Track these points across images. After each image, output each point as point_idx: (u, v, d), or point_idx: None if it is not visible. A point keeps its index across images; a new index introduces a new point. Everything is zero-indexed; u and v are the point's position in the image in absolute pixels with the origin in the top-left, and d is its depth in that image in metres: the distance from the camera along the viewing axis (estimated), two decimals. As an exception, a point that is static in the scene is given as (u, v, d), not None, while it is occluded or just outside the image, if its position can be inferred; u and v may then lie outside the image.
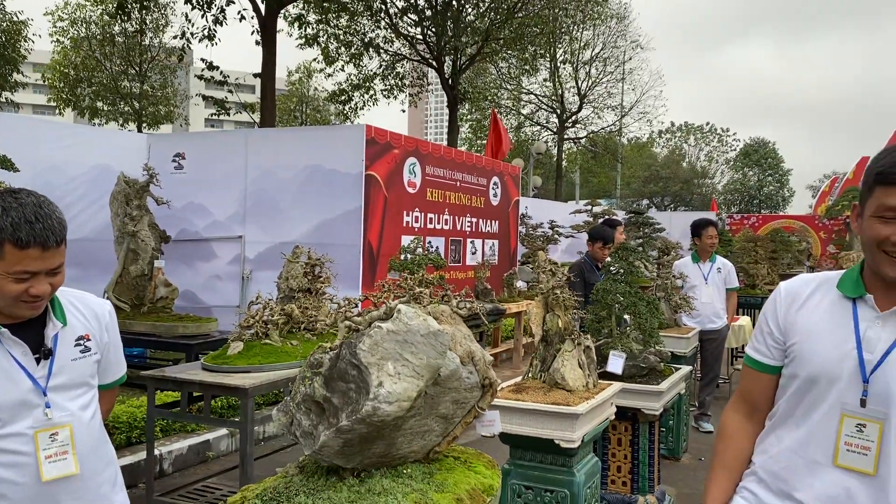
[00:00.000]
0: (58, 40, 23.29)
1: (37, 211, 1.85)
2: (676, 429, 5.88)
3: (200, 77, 15.68)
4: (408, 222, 8.83)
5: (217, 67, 15.25)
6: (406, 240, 8.48)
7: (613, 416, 3.75)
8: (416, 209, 9.00)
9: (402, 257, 8.07)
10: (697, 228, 6.96)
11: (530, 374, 3.56)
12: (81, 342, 2.07)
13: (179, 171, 9.07)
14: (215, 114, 16.05)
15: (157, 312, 7.48)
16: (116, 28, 23.28)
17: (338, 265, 5.03)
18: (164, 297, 7.60)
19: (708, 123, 58.34)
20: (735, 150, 57.24)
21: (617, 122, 32.22)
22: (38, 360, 1.96)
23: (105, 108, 25.32)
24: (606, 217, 11.58)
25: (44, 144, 8.06)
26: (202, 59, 15.09)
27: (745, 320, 8.98)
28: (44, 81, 25.16)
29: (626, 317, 4.56)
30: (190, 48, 14.88)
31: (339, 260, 7.38)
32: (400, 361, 1.99)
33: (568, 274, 3.60)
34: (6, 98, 19.59)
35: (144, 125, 25.61)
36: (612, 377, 4.22)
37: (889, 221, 1.72)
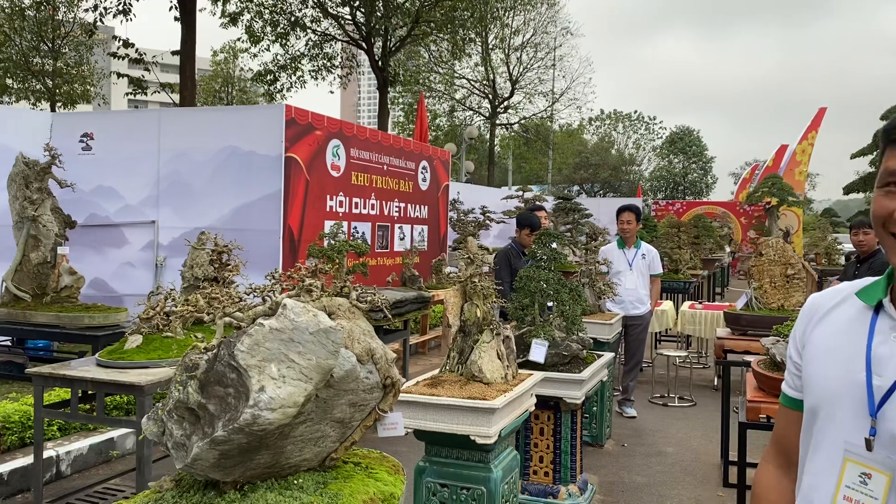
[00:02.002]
0: (-39, 12, 21.89)
1: None
2: (600, 415, 5.85)
3: (114, 55, 14.91)
4: (332, 207, 8.55)
5: (133, 45, 14.52)
6: (329, 225, 8.21)
7: (534, 407, 3.63)
8: (341, 193, 8.73)
9: (325, 243, 7.84)
10: (616, 214, 6.99)
11: (447, 367, 3.39)
12: None
13: (88, 153, 8.55)
14: (131, 93, 15.30)
15: (60, 302, 7.00)
16: (27, 1, 21.98)
17: (256, 252, 4.77)
18: (68, 286, 7.12)
19: (636, 111, 59.55)
20: (661, 137, 58.55)
21: (548, 109, 32.39)
22: None
23: (15, 86, 23.96)
24: (535, 203, 11.56)
25: (-68, 122, 7.45)
26: (114, 37, 14.34)
27: (667, 305, 9.08)
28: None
29: (550, 304, 4.45)
30: (103, 22, 14.10)
31: (258, 246, 7.10)
32: (285, 363, 1.78)
33: (489, 262, 3.45)
34: None
35: (59, 104, 24.35)
36: (534, 366, 4.10)
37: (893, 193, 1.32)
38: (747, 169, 41.40)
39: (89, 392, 3.92)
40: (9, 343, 7.45)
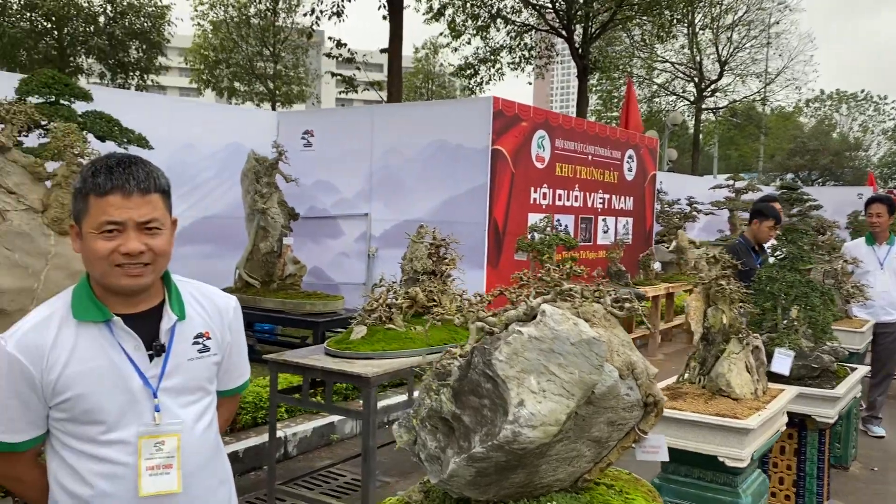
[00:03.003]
0: (198, 23, 24.37)
1: (121, 160, 1.67)
2: (845, 434, 5.18)
3: (329, 55, 15.83)
4: (535, 199, 8.40)
5: (345, 45, 15.31)
6: (533, 218, 8.06)
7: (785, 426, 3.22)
8: (545, 185, 8.55)
9: (530, 236, 7.70)
10: (864, 206, 6.17)
11: (686, 377, 3.08)
12: (200, 340, 1.80)
13: (308, 149, 9.06)
14: (344, 91, 16.16)
15: (285, 289, 7.48)
16: (252, 10, 24.02)
17: (462, 244, 4.72)
18: (292, 275, 7.59)
19: (863, 91, 53.54)
20: (893, 118, 52.22)
21: (762, 90, 30.02)
22: (150, 357, 1.71)
23: (242, 89, 26.28)
24: (765, 195, 10.62)
25: (179, 124, 8.22)
26: (329, 38, 15.19)
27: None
28: (186, 64, 26.41)
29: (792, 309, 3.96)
30: (318, 25, 14.99)
31: (464, 239, 7.09)
32: (545, 375, 1.62)
33: (734, 262, 3.09)
34: (153, 81, 20.68)
35: (278, 105, 26.40)
36: (776, 378, 3.66)
37: None
38: None
39: (318, 379, 4.05)
40: (241, 326, 8.09)
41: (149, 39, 18.40)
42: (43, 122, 5.77)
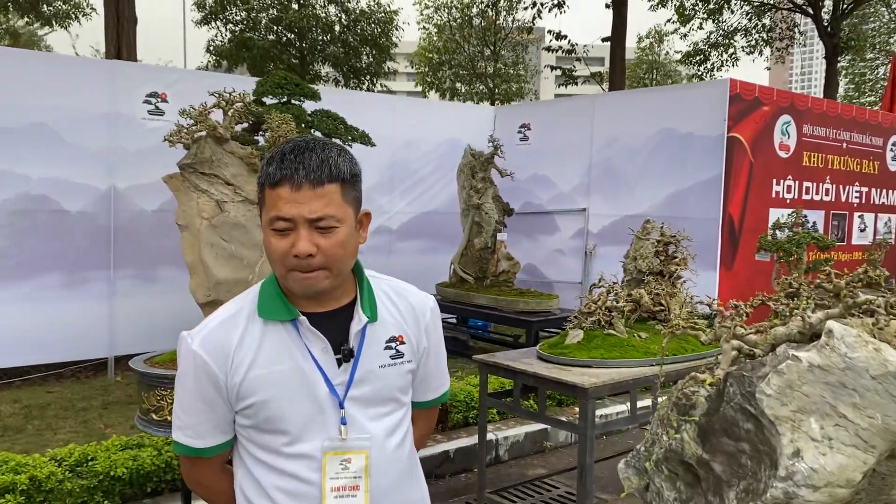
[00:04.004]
0: (423, 27, 25.27)
1: (296, 145, 1.45)
2: None
3: (548, 49, 15.56)
4: (778, 192, 7.47)
5: (565, 37, 14.97)
6: (775, 213, 7.16)
7: None
8: (789, 177, 7.58)
9: (772, 234, 6.83)
10: None
11: None
12: (393, 345, 1.58)
13: (525, 143, 8.85)
14: (563, 84, 15.82)
15: (498, 286, 7.33)
16: (474, 10, 24.45)
17: (692, 243, 4.20)
18: (506, 271, 7.42)
19: None
20: None
21: None
22: (338, 363, 1.51)
23: (463, 89, 26.88)
24: None
25: (401, 121, 8.39)
26: (548, 32, 14.91)
27: None
28: (412, 68, 27.56)
29: None
30: (540, 18, 14.78)
31: (693, 236, 6.47)
32: (832, 419, 1.19)
33: None
34: (382, 85, 21.76)
35: (497, 103, 26.67)
36: None
37: None
38: None
39: (530, 385, 3.77)
40: (454, 321, 8.09)
41: (378, 45, 19.33)
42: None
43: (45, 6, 16.35)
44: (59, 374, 6.32)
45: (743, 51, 18.84)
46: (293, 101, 5.99)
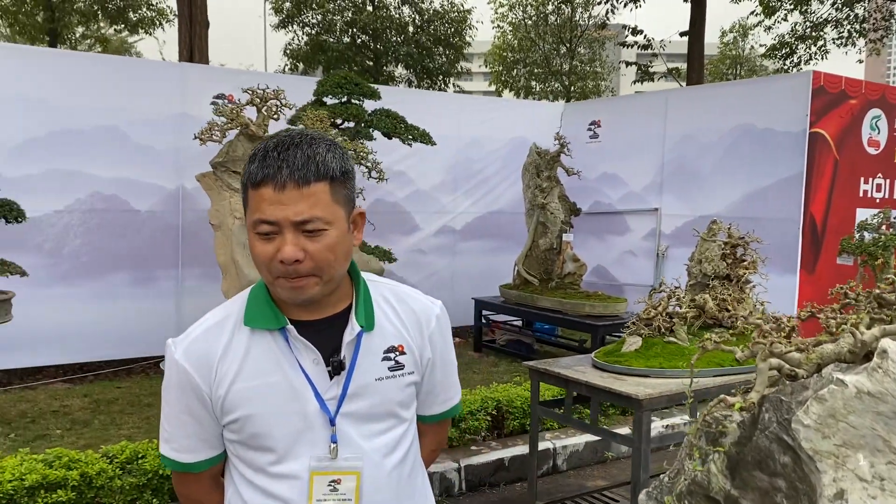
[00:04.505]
0: (498, 26, 25.06)
1: (281, 140, 1.33)
2: None
3: (624, 45, 15.16)
4: (866, 191, 6.99)
5: (641, 31, 14.54)
6: (863, 214, 6.69)
7: None
8: (879, 175, 7.08)
9: (858, 236, 6.38)
10: None
11: None
12: (392, 356, 1.44)
13: (594, 140, 8.60)
14: (639, 80, 15.38)
15: (564, 288, 7.12)
16: (550, 7, 24.11)
17: (769, 244, 3.92)
18: (571, 273, 7.19)
19: None
20: None
21: None
22: (330, 375, 1.39)
23: (538, 88, 26.54)
24: None
25: (466, 119, 8.28)
26: (623, 26, 14.51)
27: None
28: (486, 67, 27.40)
29: None
30: (615, 13, 14.40)
31: (772, 238, 6.09)
32: (885, 455, 1.01)
33: None
34: (455, 85, 21.70)
35: (572, 101, 26.22)
36: None
37: None
38: None
39: (582, 394, 3.59)
40: (519, 324, 7.92)
41: (451, 44, 19.27)
42: (338, 122, 6.09)
43: (131, 13, 17.04)
44: (128, 369, 6.50)
45: (833, 43, 17.86)
46: (353, 101, 5.97)
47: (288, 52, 18.82)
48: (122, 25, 17.84)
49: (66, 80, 6.01)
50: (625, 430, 4.55)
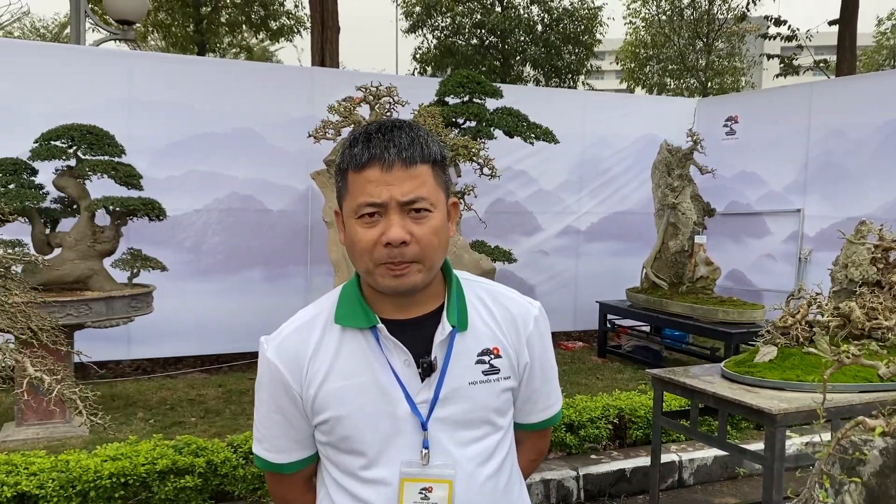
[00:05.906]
0: (630, 21, 24.35)
1: (382, 125, 1.31)
2: None
3: (765, 36, 14.28)
4: None
5: (785, 22, 13.62)
6: None
7: None
8: None
9: None
10: None
11: None
12: (486, 359, 1.36)
13: (731, 137, 8.14)
14: (781, 74, 14.42)
15: (695, 293, 6.76)
16: (685, 1, 23.20)
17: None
18: (704, 277, 6.82)
19: None
20: None
21: None
22: (421, 377, 1.33)
23: (672, 84, 25.58)
24: None
25: (592, 117, 8.06)
26: (765, 17, 13.66)
27: None
28: (618, 65, 26.73)
29: None
30: (755, 4, 13.59)
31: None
32: None
33: None
34: (584, 83, 21.30)
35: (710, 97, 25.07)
36: None
37: None
38: None
39: (710, 406, 3.36)
40: (647, 330, 7.60)
41: (581, 42, 18.91)
42: (460, 122, 6.08)
43: (272, 22, 17.93)
44: (260, 362, 6.79)
45: None
46: (475, 100, 5.94)
47: (417, 56, 19.16)
48: (264, 34, 18.80)
49: (205, 85, 6.37)
50: (758, 447, 4.24)
